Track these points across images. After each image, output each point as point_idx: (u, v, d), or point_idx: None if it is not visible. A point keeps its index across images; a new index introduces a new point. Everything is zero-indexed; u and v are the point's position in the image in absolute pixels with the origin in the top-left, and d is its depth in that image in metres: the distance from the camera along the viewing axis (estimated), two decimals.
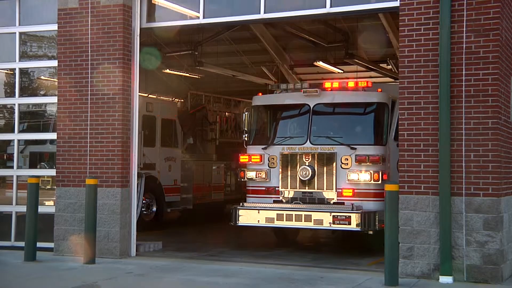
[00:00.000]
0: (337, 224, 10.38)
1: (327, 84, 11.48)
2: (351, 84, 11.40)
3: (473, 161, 8.39)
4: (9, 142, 11.85)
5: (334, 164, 10.85)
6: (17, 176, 11.48)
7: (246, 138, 11.82)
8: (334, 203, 10.82)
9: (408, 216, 8.62)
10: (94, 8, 10.61)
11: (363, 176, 10.65)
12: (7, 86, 12.26)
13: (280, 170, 11.19)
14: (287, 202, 11.06)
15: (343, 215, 10.36)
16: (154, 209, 14.71)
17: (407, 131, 8.74)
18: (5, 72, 12.19)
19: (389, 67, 18.05)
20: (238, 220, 11.05)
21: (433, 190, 8.53)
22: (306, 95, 11.36)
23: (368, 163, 10.68)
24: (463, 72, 8.48)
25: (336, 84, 11.46)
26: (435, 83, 8.59)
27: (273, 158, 11.31)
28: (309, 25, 16.06)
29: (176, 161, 15.58)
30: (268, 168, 11.35)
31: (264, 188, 11.35)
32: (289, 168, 11.15)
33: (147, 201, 14.39)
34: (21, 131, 11.67)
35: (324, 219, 10.42)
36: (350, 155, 10.81)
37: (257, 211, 10.93)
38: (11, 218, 11.37)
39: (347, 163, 10.82)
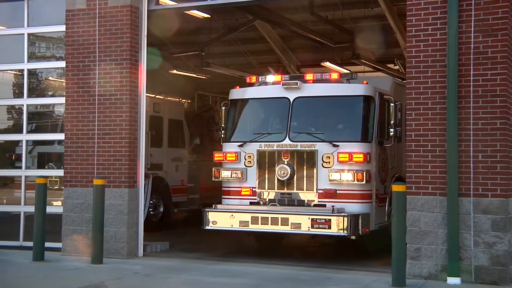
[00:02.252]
0: (316, 228, 9.62)
1: (309, 76, 10.67)
2: (334, 76, 10.61)
3: (481, 161, 8.35)
4: (17, 143, 11.90)
5: (315, 162, 10.08)
6: (26, 177, 11.52)
7: (222, 135, 11.09)
8: (314, 205, 10.07)
9: (416, 217, 8.60)
10: (102, 9, 10.64)
11: (346, 176, 9.88)
12: (15, 87, 12.32)
13: (257, 169, 10.43)
14: (264, 204, 10.32)
15: (322, 219, 9.61)
16: (161, 209, 14.71)
17: (415, 131, 8.71)
18: (14, 73, 12.25)
19: (397, 67, 18.01)
20: (210, 224, 10.35)
21: (440, 191, 8.50)
22: (285, 87, 10.54)
23: (351, 162, 9.93)
24: (471, 73, 8.44)
25: (318, 76, 10.63)
26: (442, 84, 8.57)
27: (250, 157, 10.51)
28: (315, 25, 16.05)
29: (183, 162, 15.60)
30: (244, 167, 10.54)
31: (240, 189, 10.59)
32: (266, 167, 10.38)
33: (154, 202, 14.41)
34: (29, 131, 11.72)
35: (302, 223, 9.70)
36: (332, 153, 10.04)
37: (230, 214, 10.20)
38: (19, 218, 11.42)
39: (329, 162, 10.03)
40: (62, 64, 11.11)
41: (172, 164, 15.18)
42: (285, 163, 10.21)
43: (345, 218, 9.57)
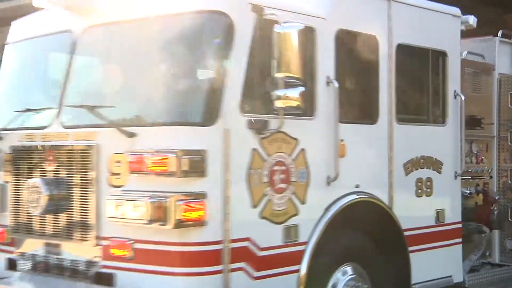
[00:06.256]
0: None
1: None
2: None
3: None
4: None
5: (92, 174, 4.73)
6: None
7: None
8: (97, 274, 4.74)
9: None
10: None
11: (133, 210, 4.36)
12: None
13: (10, 188, 5.28)
14: (26, 265, 5.13)
15: None
16: None
17: None
18: None
19: None
20: None
21: None
22: (57, 6, 5.18)
23: (148, 173, 4.42)
24: None
25: None
26: None
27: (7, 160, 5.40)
28: None
29: None
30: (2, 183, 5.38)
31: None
32: (23, 184, 5.12)
33: None
34: None
35: None
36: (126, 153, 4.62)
37: None
38: None
39: (120, 174, 4.63)
40: None
41: None
42: (45, 175, 4.96)
43: None
